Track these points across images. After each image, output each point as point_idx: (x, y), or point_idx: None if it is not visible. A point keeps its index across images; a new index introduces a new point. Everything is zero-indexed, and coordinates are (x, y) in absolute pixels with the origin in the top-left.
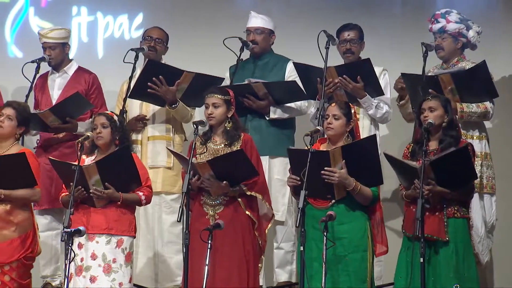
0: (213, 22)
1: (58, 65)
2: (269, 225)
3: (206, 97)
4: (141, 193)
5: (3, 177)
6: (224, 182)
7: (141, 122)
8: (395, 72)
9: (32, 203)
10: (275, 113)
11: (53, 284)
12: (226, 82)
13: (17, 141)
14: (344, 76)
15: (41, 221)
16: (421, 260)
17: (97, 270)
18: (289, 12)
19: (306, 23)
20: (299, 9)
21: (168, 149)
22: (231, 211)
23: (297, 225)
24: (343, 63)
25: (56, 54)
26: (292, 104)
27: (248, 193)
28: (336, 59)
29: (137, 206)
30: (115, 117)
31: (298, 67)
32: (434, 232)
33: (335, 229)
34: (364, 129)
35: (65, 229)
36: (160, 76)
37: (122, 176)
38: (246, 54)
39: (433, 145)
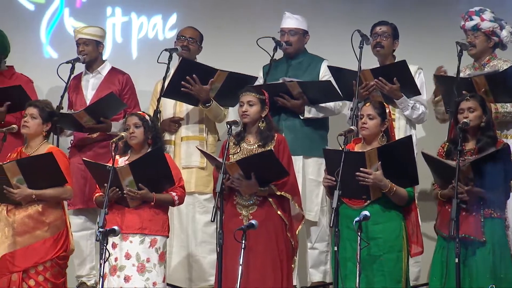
0: (246, 21)
1: (91, 64)
2: (300, 226)
3: (241, 95)
4: (174, 194)
5: (33, 177)
6: (253, 180)
7: (176, 123)
8: (429, 72)
9: (64, 203)
10: (309, 113)
11: (88, 283)
12: (259, 81)
13: (45, 139)
14: (380, 78)
15: (76, 221)
16: (457, 260)
17: (131, 270)
18: (324, 12)
19: (340, 22)
20: (333, 9)
21: (198, 148)
22: (264, 212)
23: (331, 225)
24: (375, 58)
25: (90, 50)
26: (326, 104)
27: (278, 193)
28: (370, 59)
29: (170, 206)
30: (147, 117)
31: (332, 69)
32: (470, 232)
33: (370, 229)
34: (400, 130)
35: (100, 229)
36: (194, 75)
37: (155, 176)
38: (279, 54)
39: (469, 145)
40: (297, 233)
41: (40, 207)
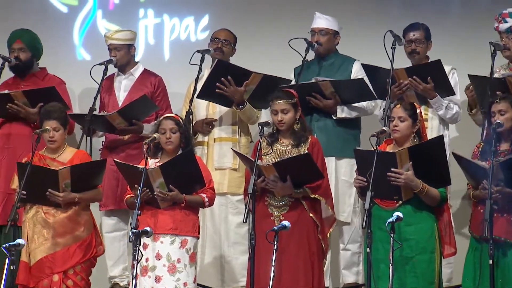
0: (278, 23)
1: (124, 67)
2: (331, 229)
3: (272, 102)
4: (204, 195)
5: (79, 182)
6: (288, 182)
7: (209, 125)
8: (462, 72)
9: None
10: (342, 112)
11: (121, 284)
12: (291, 83)
13: (65, 142)
14: (414, 77)
15: (108, 222)
16: (490, 261)
17: (162, 270)
18: (355, 12)
19: (372, 23)
20: (365, 9)
21: (233, 149)
22: (296, 213)
23: (363, 226)
24: (410, 63)
25: (121, 55)
26: (359, 104)
27: (312, 195)
28: (402, 59)
29: (201, 208)
30: (181, 120)
31: (366, 68)
32: (502, 233)
33: (402, 230)
34: (433, 130)
35: (133, 230)
36: (229, 77)
37: (186, 178)
38: (311, 55)
39: (504, 146)
40: (328, 235)
41: (76, 208)
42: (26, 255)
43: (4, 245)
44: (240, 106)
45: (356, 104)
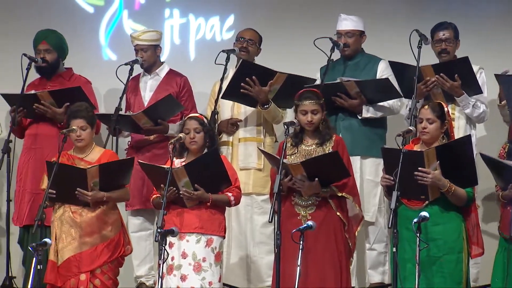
0: (303, 22)
1: (150, 67)
2: (359, 228)
3: (302, 103)
4: (230, 194)
5: (108, 181)
6: (315, 181)
7: (234, 125)
8: (490, 71)
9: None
10: (367, 112)
11: (147, 283)
12: (317, 83)
13: (93, 142)
14: (442, 74)
15: (134, 221)
16: None
17: (188, 269)
18: (381, 11)
19: (398, 21)
20: (390, 7)
21: (259, 149)
22: (323, 212)
23: (389, 226)
24: (433, 58)
25: (148, 56)
26: (385, 103)
27: (339, 194)
28: (428, 58)
29: (227, 207)
30: (205, 120)
31: (394, 65)
32: None
33: (429, 230)
34: (460, 129)
35: (159, 230)
36: (253, 77)
37: (211, 177)
38: (337, 55)
39: None
40: (356, 234)
41: (104, 208)
42: (54, 254)
43: (31, 245)
44: (265, 106)
45: (381, 104)
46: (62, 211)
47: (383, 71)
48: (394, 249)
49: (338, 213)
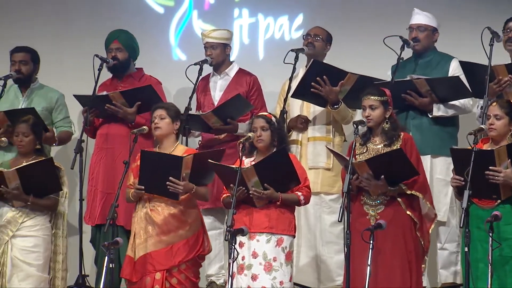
0: (373, 21)
1: (219, 66)
2: (432, 225)
3: (363, 98)
4: (299, 193)
5: (197, 174)
6: (382, 179)
7: (304, 123)
8: None
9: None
10: (438, 111)
11: (217, 282)
12: (388, 79)
13: (177, 139)
14: None
15: (204, 220)
16: None
17: (258, 269)
18: (453, 9)
19: (469, 19)
20: (462, 5)
21: (328, 148)
22: (392, 211)
23: (461, 226)
24: (506, 57)
25: (217, 54)
26: (456, 102)
27: (408, 192)
28: (500, 57)
29: (296, 206)
30: (273, 119)
31: (464, 65)
32: None
33: (501, 229)
34: None
35: (229, 229)
36: (324, 76)
37: (280, 176)
38: (408, 53)
39: None
40: (429, 232)
41: (182, 207)
42: (132, 250)
43: (103, 244)
44: (335, 106)
45: (452, 102)
46: (141, 207)
47: (455, 69)
48: (466, 249)
49: (408, 212)
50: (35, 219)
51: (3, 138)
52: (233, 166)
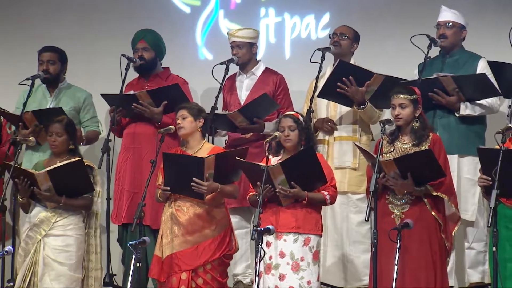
0: (400, 19)
1: (245, 65)
2: (456, 228)
3: (392, 97)
4: (326, 193)
5: (221, 173)
6: (409, 179)
7: (331, 126)
8: None
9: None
10: (465, 109)
11: (244, 282)
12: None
13: (203, 138)
14: None
15: (231, 220)
16: None
17: (286, 268)
18: (481, 7)
19: (498, 18)
20: (489, 4)
21: (356, 144)
22: (417, 211)
23: (489, 225)
24: None
25: (243, 53)
26: (483, 101)
27: (434, 193)
28: None
29: (323, 205)
30: (301, 118)
31: (492, 64)
32: None
33: None
34: None
35: (255, 228)
36: (350, 77)
37: (307, 175)
38: (435, 52)
39: None
40: (453, 234)
41: (207, 206)
42: (159, 249)
43: (130, 243)
44: (361, 106)
45: (480, 101)
46: (168, 207)
47: (483, 69)
48: (494, 248)
49: (433, 213)
50: (68, 218)
51: (31, 138)
52: (260, 163)
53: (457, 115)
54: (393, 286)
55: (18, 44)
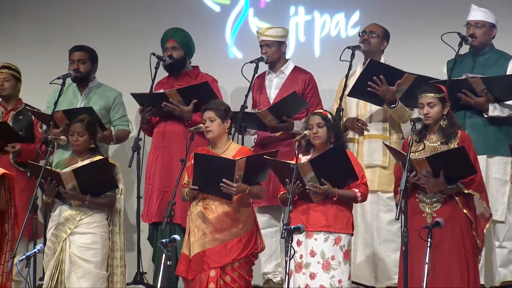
0: (431, 17)
1: (274, 64)
2: (487, 225)
3: (420, 96)
4: (356, 190)
5: (250, 175)
6: (441, 177)
7: (359, 127)
8: None
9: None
10: (494, 111)
11: (274, 280)
12: (443, 77)
13: (230, 137)
14: None
15: (260, 218)
16: None
17: (316, 267)
18: (509, 5)
19: None
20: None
21: (385, 144)
22: (448, 209)
23: None
24: None
25: (272, 52)
26: None
27: (466, 191)
28: None
29: (354, 204)
30: (329, 116)
31: None
32: None
33: None
34: None
35: (285, 227)
36: (381, 76)
37: (337, 172)
38: (464, 49)
39: None
40: (484, 231)
41: (235, 205)
42: (187, 247)
43: (160, 241)
44: (392, 105)
45: (509, 102)
46: (195, 205)
47: None
48: None
49: (465, 211)
50: (93, 216)
51: (62, 137)
52: (290, 162)
53: (485, 116)
54: (424, 285)
55: (49, 44)
